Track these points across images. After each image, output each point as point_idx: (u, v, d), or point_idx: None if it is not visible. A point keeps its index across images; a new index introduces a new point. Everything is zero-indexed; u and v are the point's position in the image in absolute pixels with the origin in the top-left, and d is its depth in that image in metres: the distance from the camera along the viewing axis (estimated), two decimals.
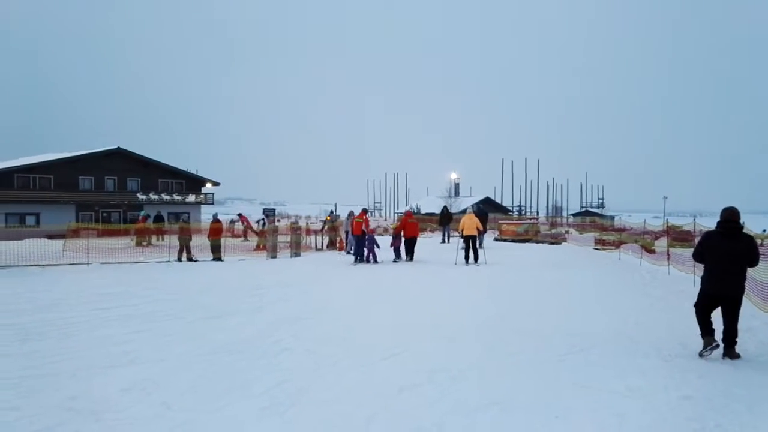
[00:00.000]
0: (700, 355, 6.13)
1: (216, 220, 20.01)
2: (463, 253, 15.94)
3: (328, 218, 24.49)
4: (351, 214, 19.44)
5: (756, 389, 5.05)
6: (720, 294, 6.13)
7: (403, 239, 17.50)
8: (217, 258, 18.46)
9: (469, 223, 16.00)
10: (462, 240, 16.09)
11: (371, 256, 16.71)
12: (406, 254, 17.39)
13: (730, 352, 6.06)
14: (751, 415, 4.45)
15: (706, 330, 6.16)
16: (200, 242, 19.47)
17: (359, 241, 16.77)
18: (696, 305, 6.36)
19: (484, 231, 21.45)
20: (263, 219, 26.80)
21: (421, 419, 4.35)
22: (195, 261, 18.01)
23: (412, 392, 4.97)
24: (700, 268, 6.55)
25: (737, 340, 6.10)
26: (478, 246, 16.32)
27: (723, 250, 6.05)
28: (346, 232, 20.63)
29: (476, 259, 15.86)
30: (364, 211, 17.82)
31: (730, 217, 6.10)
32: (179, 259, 17.97)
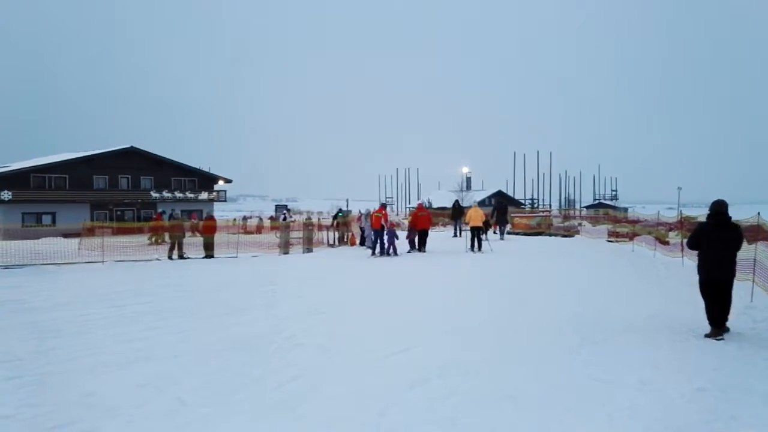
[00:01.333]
0: (706, 336, 6.60)
1: (210, 218, 19.94)
2: (471, 243, 17.71)
3: (339, 213, 24.55)
4: (368, 212, 19.77)
5: None
6: (715, 278, 6.67)
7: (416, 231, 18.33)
8: (209, 255, 18.22)
9: (476, 216, 17.72)
10: (469, 230, 17.84)
11: (392, 249, 17.18)
12: (419, 246, 18.11)
13: (720, 329, 6.60)
14: (766, 407, 4.41)
15: (714, 321, 6.66)
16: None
17: (379, 235, 17.19)
18: (701, 294, 6.85)
19: (505, 223, 23.00)
20: (284, 213, 26.75)
21: (433, 413, 4.37)
22: (186, 258, 17.89)
23: (424, 387, 4.98)
24: None
25: (729, 317, 6.68)
26: (500, 237, 21.06)
27: (716, 239, 6.65)
28: (361, 228, 20.99)
29: (480, 247, 17.55)
30: (383, 206, 18.51)
31: (720, 209, 6.71)
32: (170, 257, 17.75)
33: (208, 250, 18.48)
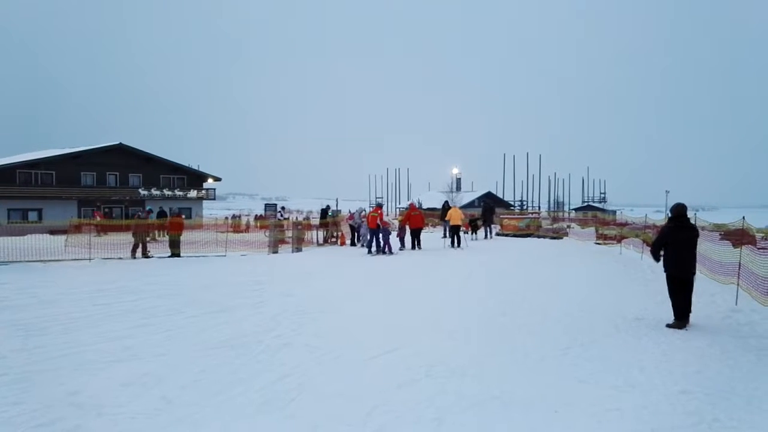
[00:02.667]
0: (668, 326, 7.23)
1: (177, 215, 19.61)
2: (450, 240, 19.57)
3: (330, 214, 24.57)
4: (362, 210, 20.89)
5: (754, 383, 5.07)
6: (681, 275, 7.27)
7: (408, 230, 19.39)
8: (176, 254, 17.82)
9: (455, 215, 19.52)
10: (450, 229, 19.73)
11: (387, 248, 17.65)
12: (413, 245, 19.03)
13: (684, 322, 7.18)
14: (749, 409, 4.47)
15: (679, 315, 7.28)
16: (199, 237, 19.48)
17: (374, 234, 17.72)
18: (669, 291, 7.46)
19: (491, 224, 24.01)
20: (281, 211, 26.65)
21: (420, 414, 4.38)
22: (150, 257, 17.45)
23: (412, 387, 4.99)
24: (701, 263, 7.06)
25: (691, 310, 7.28)
26: (485, 236, 23.61)
27: (682, 240, 7.24)
28: (351, 227, 21.66)
29: (459, 244, 19.30)
30: (379, 206, 19.33)
31: (682, 212, 7.33)
32: (133, 256, 17.20)
33: (174, 249, 18.00)
